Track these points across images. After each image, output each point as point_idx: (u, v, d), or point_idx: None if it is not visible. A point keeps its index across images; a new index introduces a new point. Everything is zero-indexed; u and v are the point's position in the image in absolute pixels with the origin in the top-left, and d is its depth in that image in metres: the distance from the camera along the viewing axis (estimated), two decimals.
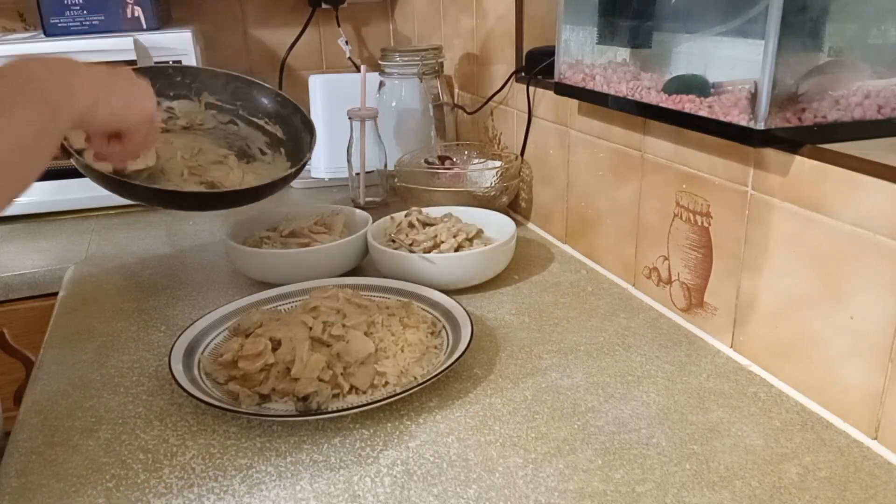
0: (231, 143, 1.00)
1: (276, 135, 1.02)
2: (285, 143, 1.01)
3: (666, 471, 0.57)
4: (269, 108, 1.03)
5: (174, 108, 0.98)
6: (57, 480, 0.59)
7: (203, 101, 1.00)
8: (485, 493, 0.56)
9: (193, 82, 0.99)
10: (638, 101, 0.77)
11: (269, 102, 1.03)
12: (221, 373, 0.70)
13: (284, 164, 1.00)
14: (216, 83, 1.01)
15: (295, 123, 1.01)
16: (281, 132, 1.02)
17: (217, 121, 1.01)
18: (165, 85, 0.97)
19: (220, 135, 1.00)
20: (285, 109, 1.02)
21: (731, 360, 0.73)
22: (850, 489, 0.55)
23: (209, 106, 1.00)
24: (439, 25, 1.43)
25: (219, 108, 1.01)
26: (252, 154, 1.00)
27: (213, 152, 0.95)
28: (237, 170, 0.95)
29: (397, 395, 0.65)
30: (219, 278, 0.98)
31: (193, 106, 0.99)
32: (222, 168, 0.94)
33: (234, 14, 1.61)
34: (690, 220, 0.78)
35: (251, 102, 1.02)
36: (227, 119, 1.01)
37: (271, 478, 0.58)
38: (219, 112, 1.01)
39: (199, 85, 1.00)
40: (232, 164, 0.95)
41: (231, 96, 1.02)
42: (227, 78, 1.01)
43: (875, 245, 0.57)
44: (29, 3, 1.44)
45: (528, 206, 1.15)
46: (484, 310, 0.85)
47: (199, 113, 0.99)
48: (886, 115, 0.63)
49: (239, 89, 1.02)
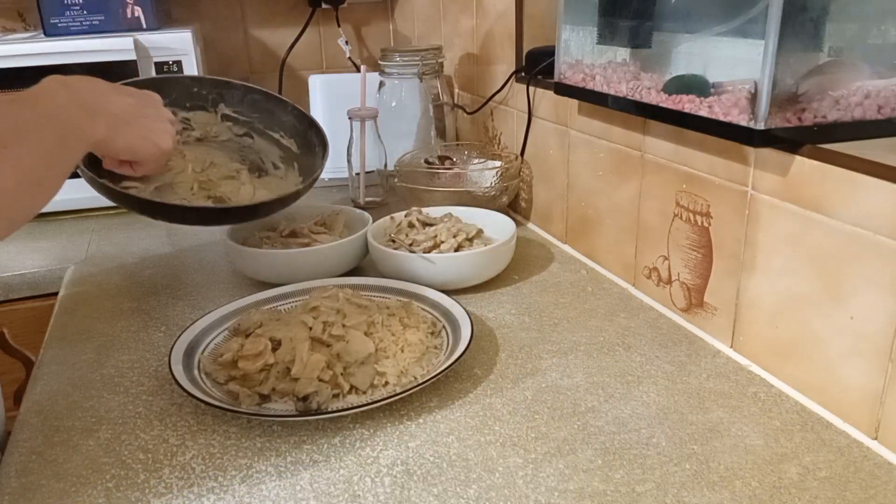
0: (244, 157, 0.99)
1: (291, 149, 1.01)
2: (299, 158, 1.00)
3: (666, 471, 0.57)
4: (284, 121, 1.02)
5: (190, 119, 0.97)
6: (57, 480, 0.59)
7: (220, 113, 0.99)
8: (485, 493, 0.56)
9: (210, 93, 0.98)
10: (638, 101, 0.77)
11: (286, 116, 1.02)
12: (221, 373, 0.70)
13: (296, 178, 0.99)
14: (234, 94, 1.00)
15: (310, 138, 1.00)
16: (296, 146, 1.01)
17: (232, 133, 1.00)
18: (182, 95, 0.97)
19: (235, 147, 0.99)
20: (301, 124, 1.01)
21: (731, 360, 0.73)
22: (850, 489, 0.55)
23: (225, 118, 0.99)
24: (439, 25, 1.43)
25: (235, 119, 1.00)
26: (265, 168, 0.99)
27: (226, 166, 0.95)
28: (248, 185, 0.94)
29: (397, 395, 0.65)
30: (219, 278, 0.98)
31: (210, 117, 0.98)
32: (233, 183, 0.93)
33: (234, 14, 1.61)
34: (690, 220, 0.78)
35: (268, 115, 1.01)
36: (242, 131, 1.00)
37: (271, 478, 0.58)
38: (235, 124, 1.00)
39: (216, 96, 0.99)
40: (244, 178, 0.94)
41: (248, 108, 1.00)
42: (244, 90, 1.00)
43: (875, 245, 0.57)
44: (29, 3, 1.44)
45: (528, 206, 1.15)
46: (484, 310, 0.85)
47: (215, 124, 0.98)
48: (886, 115, 0.63)
49: (256, 101, 1.01)
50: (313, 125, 1.00)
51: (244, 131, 1.00)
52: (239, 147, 0.99)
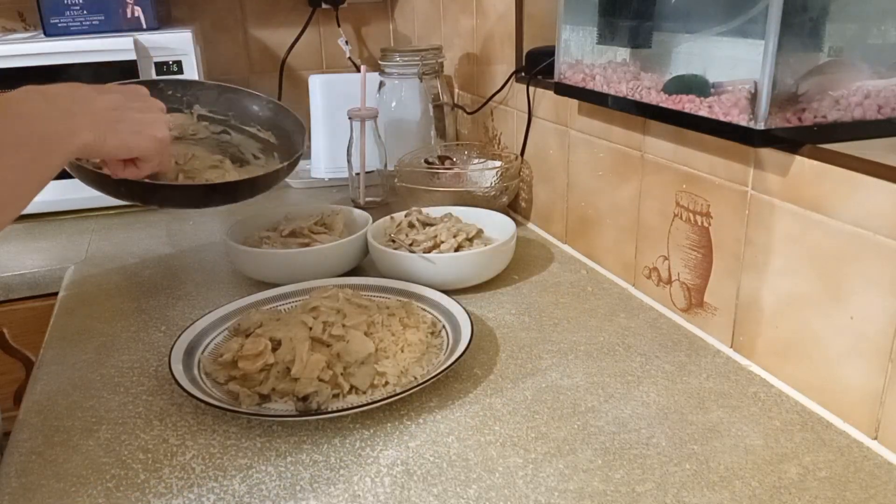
0: (224, 150, 1.00)
1: (269, 140, 1.03)
2: (278, 148, 1.02)
3: (666, 471, 0.57)
4: (260, 115, 1.03)
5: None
6: (57, 480, 0.59)
7: (195, 114, 1.00)
8: (485, 493, 0.56)
9: (185, 95, 1.00)
10: (638, 101, 0.77)
11: (260, 110, 1.03)
12: (221, 373, 0.70)
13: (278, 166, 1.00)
14: (208, 94, 1.01)
15: (286, 127, 1.02)
16: (273, 137, 1.03)
17: (209, 131, 1.01)
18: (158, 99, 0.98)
19: (213, 143, 1.00)
20: (276, 115, 1.03)
21: (731, 360, 0.73)
22: (850, 489, 0.55)
23: (201, 118, 1.01)
24: (439, 25, 1.43)
25: (210, 119, 1.01)
26: (246, 159, 1.01)
27: (208, 158, 0.96)
28: (233, 172, 0.95)
29: (397, 395, 0.65)
30: (219, 278, 0.98)
31: (186, 118, 1.00)
32: (217, 171, 0.94)
33: (234, 14, 1.61)
34: (690, 220, 0.78)
35: (242, 111, 1.03)
36: (219, 129, 1.02)
37: (271, 478, 0.58)
38: (211, 123, 1.02)
39: (190, 97, 1.00)
40: (227, 167, 0.96)
41: (223, 107, 1.02)
42: (218, 89, 1.02)
43: (875, 245, 0.57)
44: (29, 3, 1.43)
45: (528, 206, 1.15)
46: (484, 310, 0.85)
47: (192, 125, 1.00)
48: (886, 115, 0.63)
49: (230, 99, 1.02)
50: (288, 114, 1.02)
51: (221, 129, 1.01)
52: (217, 143, 1.00)
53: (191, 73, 1.25)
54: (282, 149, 1.01)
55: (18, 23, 1.49)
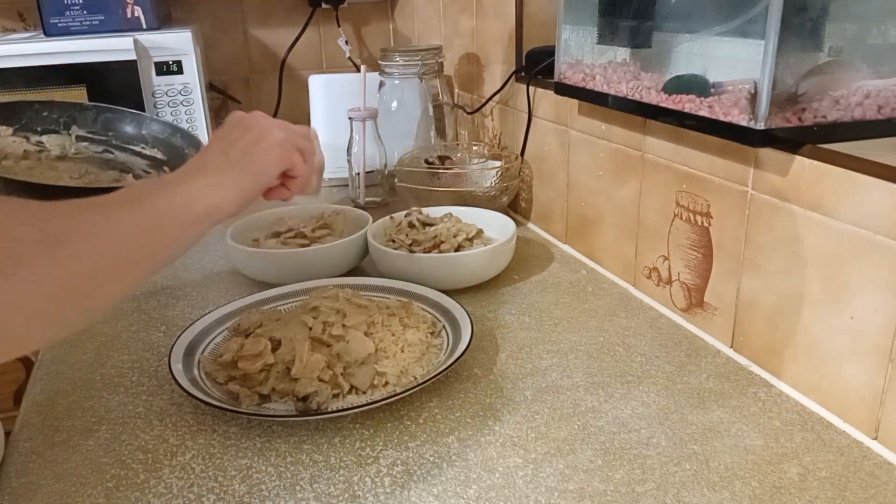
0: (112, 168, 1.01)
1: (156, 157, 1.03)
2: (167, 163, 1.03)
3: (666, 471, 0.57)
4: (144, 134, 1.04)
5: (43, 142, 0.99)
6: (57, 480, 0.59)
7: (73, 135, 1.01)
8: (485, 493, 0.56)
9: (61, 117, 1.01)
10: (638, 101, 0.77)
11: (144, 129, 1.04)
12: (221, 373, 0.70)
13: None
14: (85, 116, 1.02)
15: (175, 143, 1.03)
16: (161, 153, 1.03)
17: (91, 151, 1.02)
18: (33, 119, 0.99)
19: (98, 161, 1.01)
20: (163, 132, 1.04)
21: (731, 360, 0.73)
22: (850, 489, 0.55)
23: (80, 138, 1.01)
24: (439, 25, 1.43)
25: (90, 139, 1.02)
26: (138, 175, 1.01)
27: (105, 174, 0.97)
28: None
29: (397, 395, 0.65)
30: (219, 278, 0.98)
31: (64, 139, 1.00)
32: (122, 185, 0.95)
33: (234, 14, 1.61)
34: (690, 220, 0.78)
35: (123, 132, 1.03)
36: (101, 149, 1.02)
37: (271, 478, 0.58)
38: (91, 143, 1.02)
39: (67, 119, 1.01)
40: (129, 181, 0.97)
41: (102, 127, 1.03)
42: (96, 110, 1.03)
43: (875, 245, 0.57)
44: (29, 3, 1.44)
45: (528, 206, 1.15)
46: (484, 310, 0.85)
47: (72, 145, 1.00)
48: (886, 115, 0.63)
49: (109, 120, 1.03)
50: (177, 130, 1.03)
51: (103, 148, 1.02)
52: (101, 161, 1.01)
53: (191, 73, 1.26)
54: (172, 164, 1.02)
55: (18, 23, 1.49)
